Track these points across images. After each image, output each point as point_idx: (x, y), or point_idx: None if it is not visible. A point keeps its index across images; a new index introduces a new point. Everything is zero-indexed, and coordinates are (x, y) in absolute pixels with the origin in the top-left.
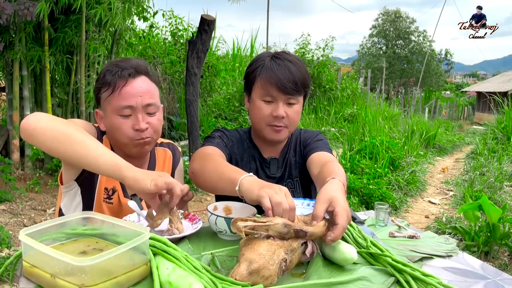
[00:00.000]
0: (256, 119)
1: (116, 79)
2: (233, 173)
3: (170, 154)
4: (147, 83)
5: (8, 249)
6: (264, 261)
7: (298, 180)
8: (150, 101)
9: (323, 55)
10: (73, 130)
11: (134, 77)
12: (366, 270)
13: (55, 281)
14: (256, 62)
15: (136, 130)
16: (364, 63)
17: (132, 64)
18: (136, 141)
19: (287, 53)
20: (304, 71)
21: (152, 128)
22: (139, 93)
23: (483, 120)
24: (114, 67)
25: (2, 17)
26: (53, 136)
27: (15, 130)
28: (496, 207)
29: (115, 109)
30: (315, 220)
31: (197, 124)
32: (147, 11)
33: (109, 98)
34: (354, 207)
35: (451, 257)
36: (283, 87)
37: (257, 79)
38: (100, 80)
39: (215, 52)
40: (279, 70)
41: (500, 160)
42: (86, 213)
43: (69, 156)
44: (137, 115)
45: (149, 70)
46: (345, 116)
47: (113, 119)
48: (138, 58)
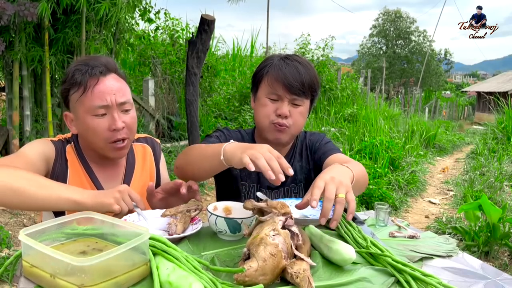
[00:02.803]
0: (260, 117)
1: (87, 78)
2: (215, 147)
3: (150, 150)
4: (118, 80)
5: (8, 249)
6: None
7: (302, 186)
8: (124, 99)
9: (323, 55)
10: (21, 184)
11: (105, 75)
12: (366, 271)
13: (55, 281)
14: (265, 62)
15: (113, 130)
16: (364, 63)
17: (102, 61)
18: (112, 144)
19: (297, 56)
20: (313, 75)
21: (128, 127)
22: (113, 91)
23: (483, 120)
24: (83, 66)
25: (3, 17)
26: (1, 192)
27: (15, 130)
28: (496, 207)
29: (89, 109)
30: (310, 204)
31: (197, 124)
32: (149, 11)
33: (81, 98)
34: None
35: (451, 257)
36: (289, 86)
37: (264, 77)
38: (68, 81)
39: (215, 52)
40: (287, 69)
41: (500, 160)
42: (86, 213)
43: (25, 208)
44: (113, 114)
45: (117, 68)
46: (345, 116)
47: (87, 120)
48: (107, 56)
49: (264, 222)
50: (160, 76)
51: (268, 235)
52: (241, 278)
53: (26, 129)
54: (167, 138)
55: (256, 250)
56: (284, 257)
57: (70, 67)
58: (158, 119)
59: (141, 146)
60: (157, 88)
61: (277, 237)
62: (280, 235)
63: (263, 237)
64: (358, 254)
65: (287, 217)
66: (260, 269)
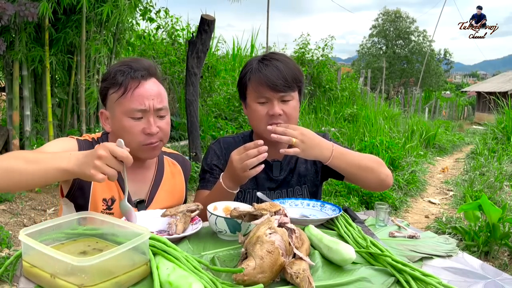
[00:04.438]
0: (255, 122)
1: (129, 80)
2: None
3: (179, 168)
4: (157, 85)
5: (8, 249)
6: (270, 260)
7: (307, 187)
8: (162, 105)
9: (322, 55)
10: (9, 163)
11: (146, 79)
12: (366, 271)
13: (55, 281)
14: (245, 68)
15: (147, 134)
16: (364, 63)
17: (144, 65)
18: (145, 146)
19: (274, 53)
20: (294, 67)
21: (162, 132)
22: (152, 96)
23: (483, 120)
24: (126, 67)
25: (4, 17)
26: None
27: (15, 130)
28: (496, 207)
29: (126, 111)
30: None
31: (197, 124)
32: (150, 11)
33: (120, 99)
34: (354, 207)
35: (451, 257)
36: (274, 86)
37: (248, 84)
38: (109, 80)
39: (215, 52)
40: (267, 70)
41: (500, 160)
42: (86, 213)
43: (21, 187)
44: (149, 118)
45: (158, 72)
46: (345, 116)
47: (123, 121)
48: (149, 60)
49: (260, 223)
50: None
51: (264, 233)
52: (240, 278)
53: (26, 129)
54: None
55: (253, 249)
56: (282, 254)
57: (112, 67)
58: None
59: (171, 162)
60: None
61: (273, 235)
62: (277, 233)
63: (259, 236)
64: (358, 254)
65: (280, 214)
66: (258, 267)
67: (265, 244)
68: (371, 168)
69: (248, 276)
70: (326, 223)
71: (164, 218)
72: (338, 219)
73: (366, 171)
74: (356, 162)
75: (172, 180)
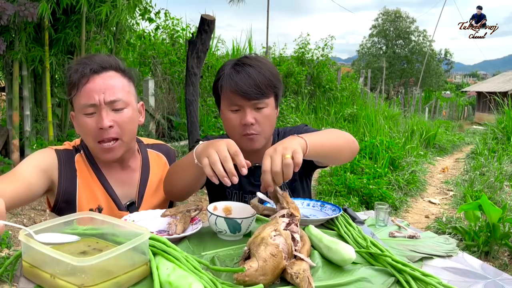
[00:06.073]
0: (228, 131)
1: (79, 76)
2: (189, 155)
3: (164, 160)
4: (113, 77)
5: (8, 249)
6: (273, 263)
7: (295, 184)
8: (114, 97)
9: (322, 55)
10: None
11: (98, 73)
12: (366, 271)
13: (55, 281)
14: (219, 73)
15: (100, 129)
16: (364, 63)
17: (96, 59)
18: (100, 144)
19: (248, 58)
20: (268, 72)
21: (119, 127)
22: (102, 89)
23: (483, 120)
24: (78, 65)
25: (3, 17)
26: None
27: (15, 130)
28: (496, 207)
29: (80, 108)
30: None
31: (197, 124)
32: (149, 11)
33: (74, 98)
34: (354, 207)
35: (451, 257)
36: (245, 94)
37: (221, 90)
38: (67, 82)
39: (215, 52)
40: (238, 77)
41: (500, 160)
42: (86, 213)
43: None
44: (101, 112)
45: (119, 65)
46: (345, 116)
47: (79, 119)
48: (107, 55)
49: (266, 223)
50: (160, 76)
51: (269, 235)
52: (241, 278)
53: (26, 129)
54: (167, 138)
55: (257, 250)
56: (285, 257)
57: (68, 67)
58: (158, 119)
59: (156, 154)
60: (157, 88)
61: (278, 238)
62: (281, 235)
63: (264, 237)
64: (358, 254)
65: (292, 220)
66: (261, 269)
67: (269, 246)
68: (342, 146)
69: (249, 277)
70: (326, 223)
71: (164, 218)
72: (338, 219)
73: (339, 153)
74: (328, 148)
75: (159, 175)
